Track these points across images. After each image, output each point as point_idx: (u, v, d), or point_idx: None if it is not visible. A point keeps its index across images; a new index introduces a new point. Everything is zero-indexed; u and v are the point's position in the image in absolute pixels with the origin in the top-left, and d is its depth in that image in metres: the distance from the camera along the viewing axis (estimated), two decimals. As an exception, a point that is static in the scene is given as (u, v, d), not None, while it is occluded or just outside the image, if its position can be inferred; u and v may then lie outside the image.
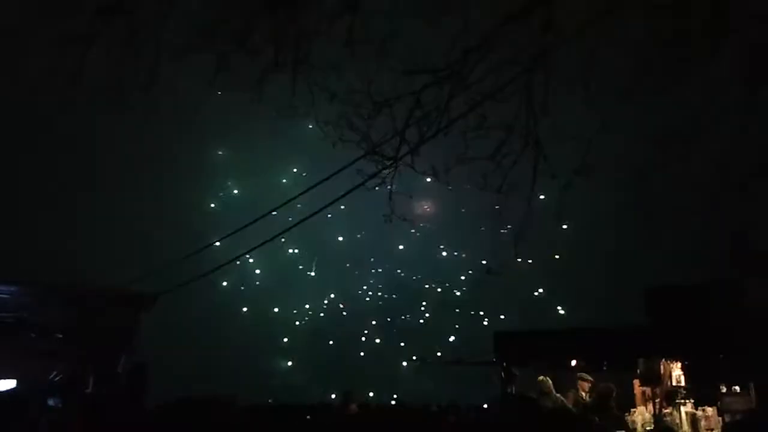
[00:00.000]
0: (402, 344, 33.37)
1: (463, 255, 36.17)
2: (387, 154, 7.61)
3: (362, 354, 34.94)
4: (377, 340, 35.26)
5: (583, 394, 12.05)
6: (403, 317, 34.92)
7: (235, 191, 37.07)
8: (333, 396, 28.04)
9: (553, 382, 12.22)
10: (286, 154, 35.59)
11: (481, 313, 31.97)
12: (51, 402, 12.25)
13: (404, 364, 32.93)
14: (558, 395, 12.04)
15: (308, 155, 32.73)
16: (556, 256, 29.56)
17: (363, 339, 35.59)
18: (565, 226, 27.51)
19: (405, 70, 6.37)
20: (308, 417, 11.67)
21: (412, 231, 35.13)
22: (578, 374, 12.25)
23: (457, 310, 34.29)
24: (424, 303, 36.03)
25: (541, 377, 12.24)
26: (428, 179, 8.30)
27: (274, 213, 13.12)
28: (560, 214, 6.96)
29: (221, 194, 36.74)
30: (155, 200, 28.23)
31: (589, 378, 12.19)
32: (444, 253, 36.94)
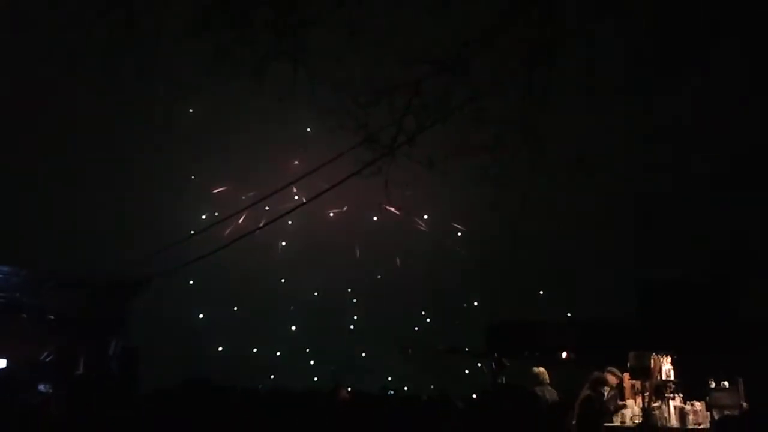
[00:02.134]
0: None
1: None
2: (384, 143, 7.59)
3: (350, 347, 34.85)
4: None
5: (607, 388, 11.90)
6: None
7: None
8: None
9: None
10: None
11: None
12: (42, 387, 12.25)
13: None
14: (551, 388, 12.06)
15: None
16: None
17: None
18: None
19: (405, 60, 6.35)
20: (300, 403, 11.69)
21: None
22: (607, 368, 12.05)
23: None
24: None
25: (538, 368, 12.22)
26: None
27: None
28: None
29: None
30: (146, 195, 27.92)
31: (618, 373, 12.01)
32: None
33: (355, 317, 36.53)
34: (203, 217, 31.99)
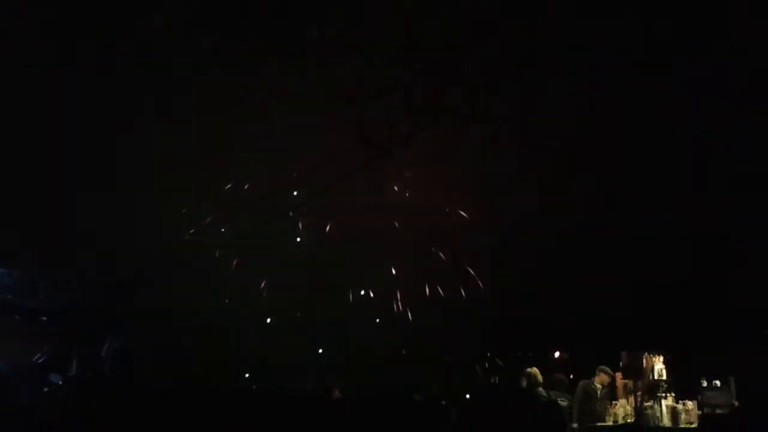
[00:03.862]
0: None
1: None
2: (378, 145, 7.59)
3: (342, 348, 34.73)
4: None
5: (599, 386, 11.92)
6: None
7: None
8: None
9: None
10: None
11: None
12: (53, 378, 12.20)
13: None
14: (542, 389, 12.08)
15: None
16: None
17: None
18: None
19: (401, 60, 6.36)
20: (293, 402, 11.69)
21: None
22: (600, 367, 12.09)
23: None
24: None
25: (532, 368, 12.21)
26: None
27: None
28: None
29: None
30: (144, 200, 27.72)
31: (610, 372, 12.06)
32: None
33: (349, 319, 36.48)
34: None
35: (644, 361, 11.78)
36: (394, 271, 11.81)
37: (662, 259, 10.10)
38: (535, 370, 12.17)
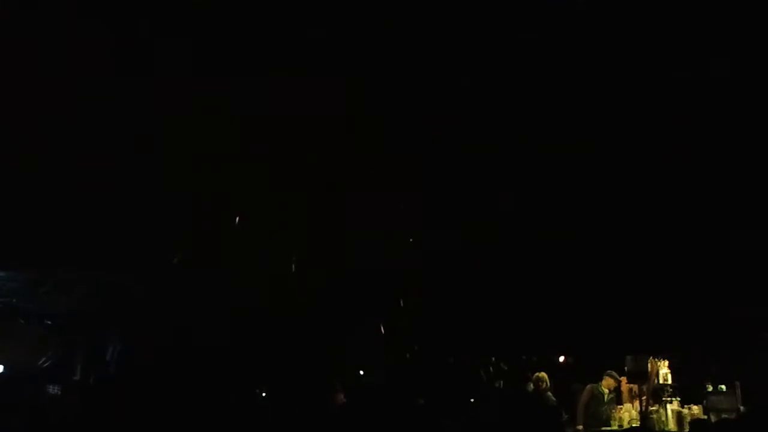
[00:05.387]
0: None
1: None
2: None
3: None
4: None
5: (606, 390, 11.76)
6: None
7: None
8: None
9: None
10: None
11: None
12: (51, 389, 12.23)
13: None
14: (550, 393, 12.00)
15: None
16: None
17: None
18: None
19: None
20: (297, 405, 11.69)
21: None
22: (607, 371, 11.97)
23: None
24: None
25: (540, 373, 12.10)
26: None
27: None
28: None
29: None
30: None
31: (617, 376, 11.94)
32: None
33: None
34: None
35: (649, 365, 11.74)
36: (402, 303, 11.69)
37: (666, 259, 10.00)
38: (543, 374, 12.05)
